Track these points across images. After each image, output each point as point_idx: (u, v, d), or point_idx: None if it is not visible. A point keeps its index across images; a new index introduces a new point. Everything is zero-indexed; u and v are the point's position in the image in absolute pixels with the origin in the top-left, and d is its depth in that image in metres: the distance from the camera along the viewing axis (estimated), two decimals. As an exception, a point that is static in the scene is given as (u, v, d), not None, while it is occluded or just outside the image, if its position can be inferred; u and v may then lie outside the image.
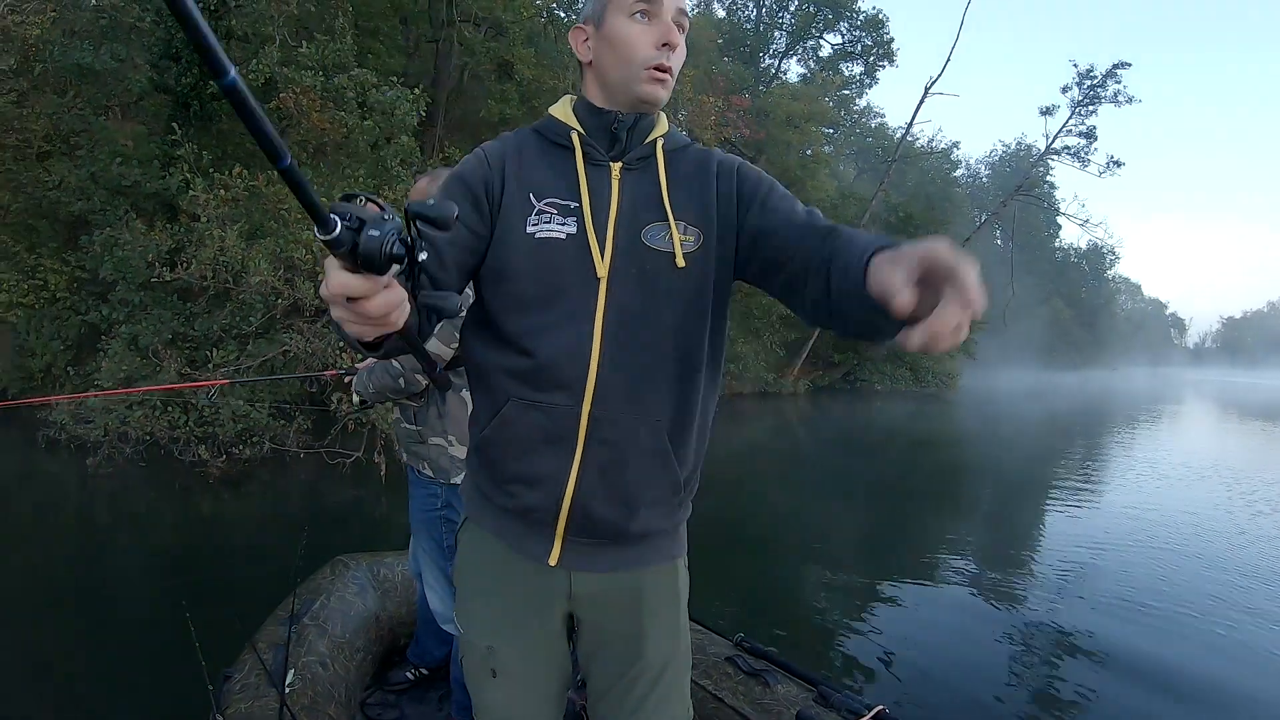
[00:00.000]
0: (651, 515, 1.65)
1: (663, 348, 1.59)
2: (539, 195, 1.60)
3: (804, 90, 34.46)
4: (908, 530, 9.82)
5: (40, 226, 13.78)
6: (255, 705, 2.60)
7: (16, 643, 4.96)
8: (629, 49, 1.57)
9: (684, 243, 1.59)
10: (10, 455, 11.15)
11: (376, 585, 3.75)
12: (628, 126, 1.63)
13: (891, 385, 33.40)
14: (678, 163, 1.68)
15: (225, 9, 13.94)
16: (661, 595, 1.75)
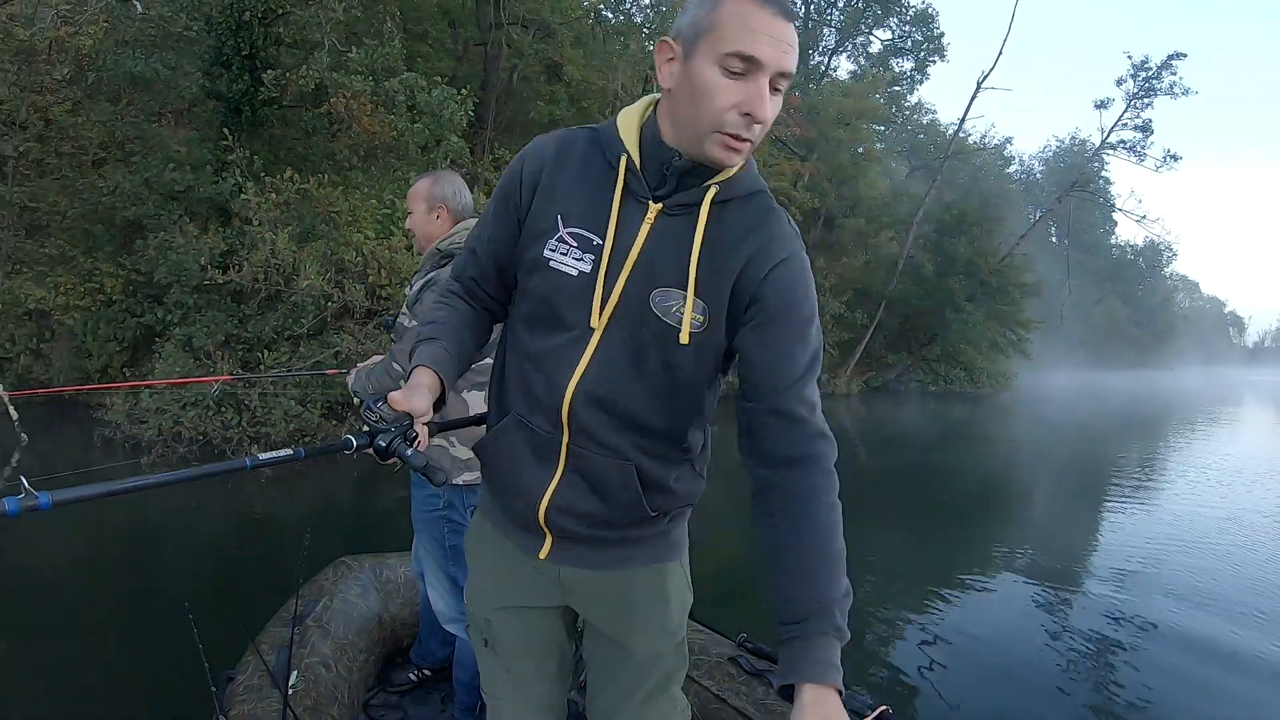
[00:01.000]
0: (632, 529, 1.66)
1: (642, 407, 1.57)
2: (566, 220, 1.55)
3: (854, 87, 34.22)
4: (942, 534, 9.69)
5: (96, 231, 13.98)
6: (258, 706, 2.62)
7: (19, 642, 4.99)
8: (708, 103, 1.38)
9: (693, 320, 1.50)
10: (68, 453, 11.30)
11: (379, 586, 3.77)
12: (682, 171, 1.48)
13: (946, 386, 32.91)
14: (726, 217, 1.52)
15: (274, 16, 14.07)
16: (649, 595, 1.74)
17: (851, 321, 29.22)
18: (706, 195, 1.49)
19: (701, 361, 1.55)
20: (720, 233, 1.51)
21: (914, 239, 31.18)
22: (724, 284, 1.50)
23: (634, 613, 1.73)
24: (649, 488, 1.61)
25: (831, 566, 1.36)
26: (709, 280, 1.50)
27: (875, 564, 8.01)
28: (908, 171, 42.42)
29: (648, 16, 22.09)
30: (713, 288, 1.50)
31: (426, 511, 3.14)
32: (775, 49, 1.34)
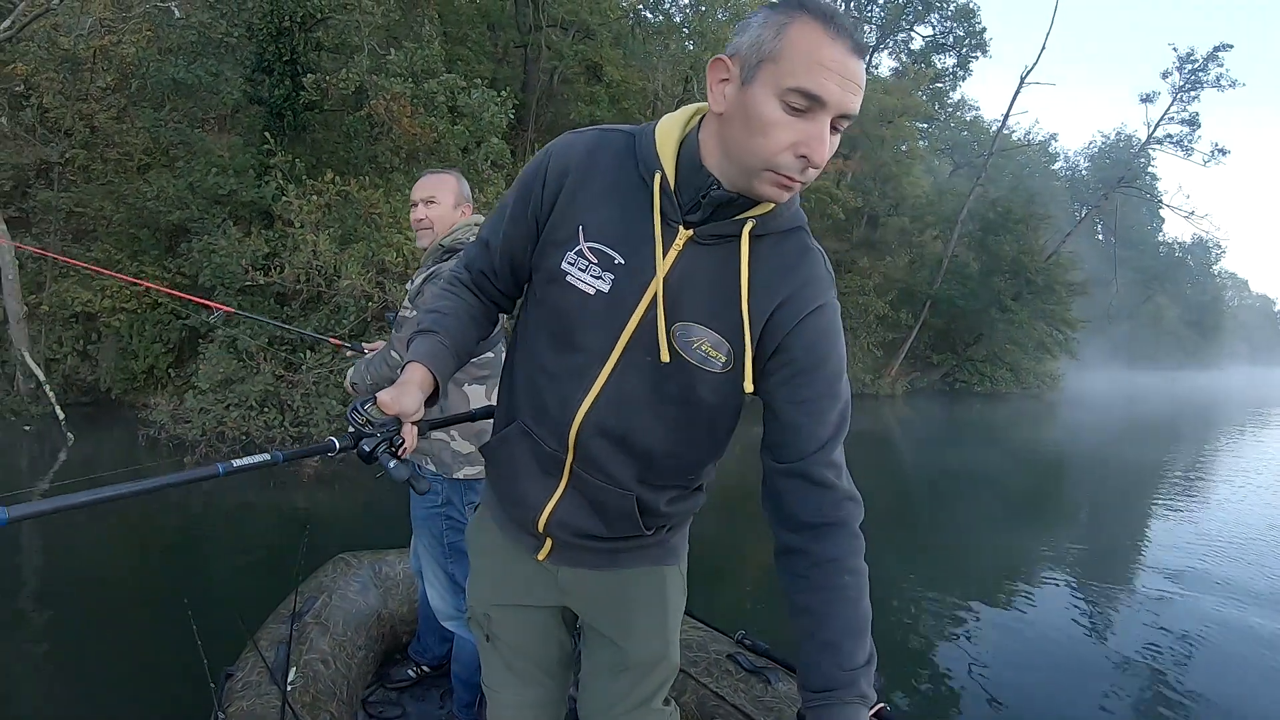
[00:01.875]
0: (629, 544, 1.67)
1: (653, 441, 1.53)
2: (588, 233, 1.46)
3: (896, 84, 33.83)
4: (985, 537, 9.52)
5: (141, 235, 14.19)
6: (257, 703, 2.61)
7: (19, 639, 5.01)
8: (763, 140, 1.26)
9: (713, 359, 1.43)
10: (113, 453, 11.43)
11: (378, 583, 3.76)
12: (719, 202, 1.38)
13: (992, 387, 32.37)
14: (759, 253, 1.42)
15: (314, 22, 14.18)
16: (647, 597, 1.74)
17: (895, 321, 28.92)
18: (744, 229, 1.40)
19: (722, 403, 1.50)
20: (756, 264, 1.42)
21: (958, 237, 30.77)
22: (752, 327, 1.41)
23: (631, 614, 1.73)
24: (647, 513, 1.60)
25: (857, 637, 1.35)
26: (735, 321, 1.41)
27: (916, 566, 7.94)
28: (951, 169, 41.97)
29: (687, 16, 21.98)
30: (738, 329, 1.41)
31: (425, 508, 3.13)
32: (843, 89, 1.24)
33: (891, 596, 7.00)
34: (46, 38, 13.83)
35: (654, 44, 21.37)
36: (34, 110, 14.44)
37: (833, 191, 26.96)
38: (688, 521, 1.79)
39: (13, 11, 12.67)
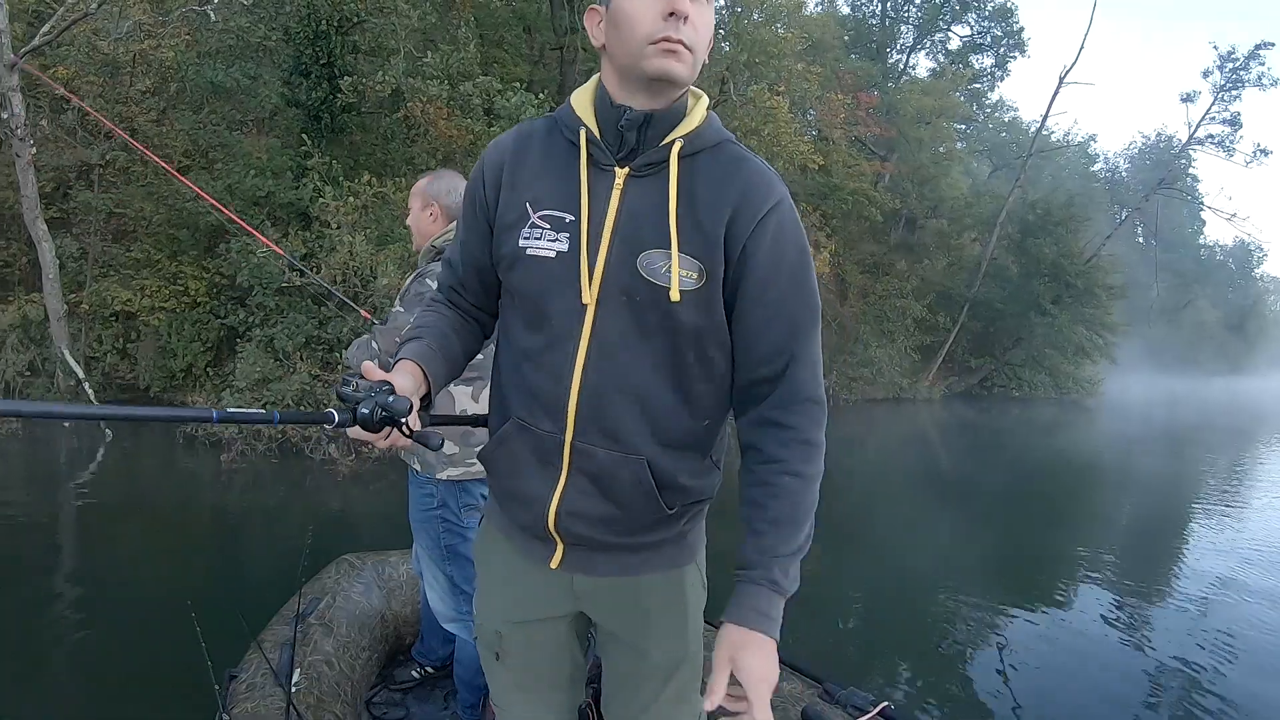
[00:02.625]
0: (645, 531, 1.59)
1: (651, 385, 1.50)
2: (536, 205, 1.51)
3: (934, 85, 33.61)
4: (1020, 543, 9.37)
5: (181, 236, 14.35)
6: (261, 704, 2.60)
7: (21, 640, 5.00)
8: (632, 22, 1.38)
9: (684, 278, 1.42)
10: (151, 450, 11.57)
11: (382, 584, 3.76)
12: (637, 125, 1.45)
13: (1030, 391, 32.03)
14: (698, 171, 1.47)
15: (351, 25, 14.28)
16: (665, 600, 1.69)
17: (933, 325, 28.68)
18: (672, 150, 1.45)
19: (706, 324, 1.47)
20: (695, 186, 1.45)
21: (997, 240, 30.46)
22: (713, 239, 1.43)
23: (650, 619, 1.69)
24: (663, 484, 1.54)
25: (785, 528, 1.43)
26: (696, 236, 1.43)
27: (952, 570, 7.87)
28: (990, 171, 41.57)
29: (723, 18, 21.91)
30: (703, 244, 1.43)
31: (421, 510, 3.12)
32: None
33: (926, 600, 6.94)
34: (87, 42, 14.03)
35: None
36: (74, 113, 14.60)
37: (870, 193, 26.82)
38: (704, 511, 1.72)
39: (52, 16, 12.85)
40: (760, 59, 19.51)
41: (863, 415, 22.90)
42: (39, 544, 7.09)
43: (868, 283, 28.42)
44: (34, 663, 4.65)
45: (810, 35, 23.60)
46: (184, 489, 9.62)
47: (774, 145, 18.96)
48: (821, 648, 5.63)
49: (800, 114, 24.40)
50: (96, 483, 9.64)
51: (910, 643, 5.98)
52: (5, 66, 11.94)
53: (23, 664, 4.61)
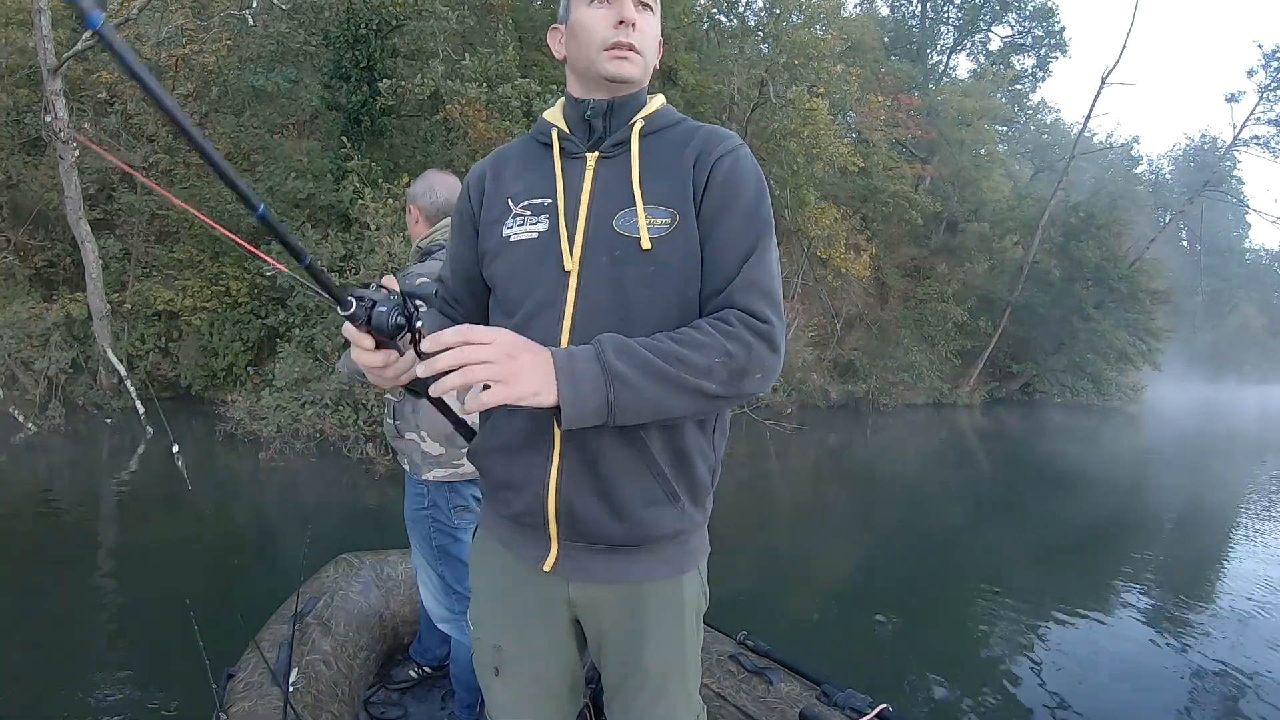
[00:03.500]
0: (644, 517, 1.57)
1: (635, 331, 1.47)
2: (515, 200, 1.63)
3: (974, 86, 33.36)
4: (1057, 553, 9.14)
5: (222, 237, 14.38)
6: (259, 704, 2.60)
7: (19, 639, 5.01)
8: (587, 33, 1.56)
9: (654, 226, 1.51)
10: (192, 447, 11.65)
11: (380, 583, 3.76)
12: (601, 113, 1.61)
13: (1072, 397, 31.51)
14: (658, 143, 1.60)
15: (390, 29, 14.37)
16: (662, 609, 1.67)
17: (974, 329, 28.35)
18: (634, 128, 1.59)
19: (683, 269, 1.52)
20: (660, 149, 1.58)
21: (1039, 243, 30.10)
22: (680, 182, 1.53)
23: (646, 628, 1.67)
24: (656, 445, 1.54)
25: (656, 346, 1.37)
26: (662, 185, 1.54)
27: (993, 577, 7.77)
28: (1032, 173, 41.06)
29: (761, 19, 21.88)
30: (669, 190, 1.53)
31: (413, 510, 3.14)
32: None
33: (966, 606, 6.88)
34: (128, 47, 14.15)
35: (729, 47, 21.33)
36: (118, 117, 14.81)
37: (910, 196, 26.63)
38: (704, 510, 1.69)
39: None
40: (799, 61, 19.41)
41: (902, 420, 22.79)
42: (52, 541, 7.18)
43: (908, 286, 28.21)
44: (31, 663, 4.67)
45: (849, 37, 23.49)
46: (221, 486, 9.72)
47: (814, 147, 18.92)
48: (838, 651, 5.65)
49: (840, 116, 24.31)
50: (131, 480, 9.81)
51: (923, 647, 5.92)
52: (48, 72, 12.12)
53: (19, 664, 4.64)
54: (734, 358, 1.38)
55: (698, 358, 1.36)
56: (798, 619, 6.35)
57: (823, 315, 24.39)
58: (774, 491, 12.28)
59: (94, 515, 8.24)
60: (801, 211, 20.46)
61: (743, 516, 9.91)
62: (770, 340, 1.44)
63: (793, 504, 11.48)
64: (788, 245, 23.77)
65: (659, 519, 1.57)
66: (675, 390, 1.35)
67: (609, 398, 1.31)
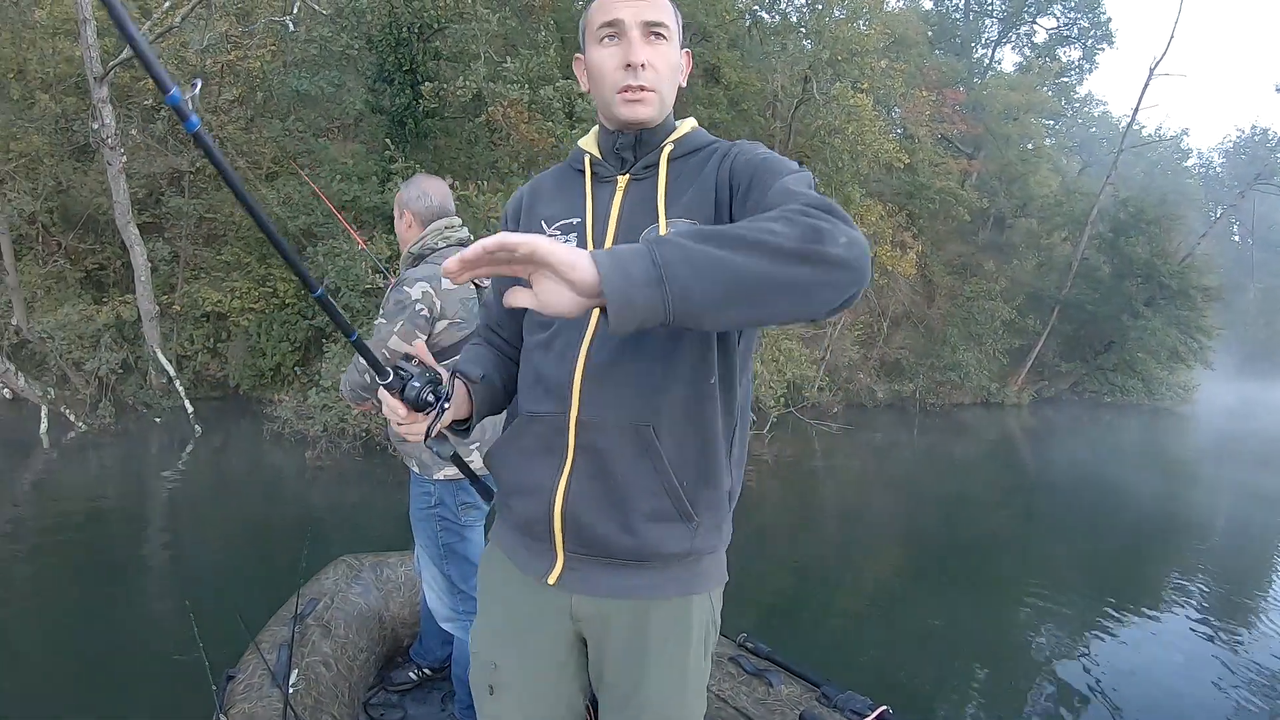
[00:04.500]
0: (653, 533, 1.55)
1: (651, 350, 1.53)
2: (549, 222, 1.67)
3: (1020, 80, 32.93)
4: (1105, 559, 8.97)
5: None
6: (259, 705, 2.62)
7: (19, 640, 5.06)
8: (600, 75, 1.59)
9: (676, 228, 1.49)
10: (240, 446, 11.90)
11: (380, 585, 3.78)
12: (630, 145, 1.63)
13: (1122, 397, 30.93)
14: (686, 165, 1.62)
15: (432, 32, 14.45)
16: (667, 630, 1.63)
17: (1023, 327, 27.96)
18: (664, 151, 1.62)
19: None
20: (688, 170, 1.60)
21: (1088, 239, 29.68)
22: (706, 193, 1.54)
23: (649, 649, 1.63)
24: (669, 449, 1.53)
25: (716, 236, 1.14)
26: (686, 196, 1.56)
27: (1041, 580, 7.69)
28: (1080, 168, 40.56)
29: (804, 16, 21.74)
30: (694, 200, 1.55)
31: (420, 509, 3.13)
32: (630, 7, 1.54)
33: (1012, 611, 6.83)
34: (175, 54, 14.44)
35: (771, 44, 21.24)
36: (164, 122, 14.99)
37: (957, 192, 26.40)
38: (720, 534, 1.65)
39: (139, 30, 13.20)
40: (843, 56, 19.26)
41: (949, 420, 22.61)
42: (18, 546, 7.19)
43: (955, 284, 27.88)
44: (31, 663, 4.71)
45: (893, 31, 23.30)
46: (270, 485, 9.82)
47: (858, 144, 18.76)
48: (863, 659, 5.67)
49: (885, 112, 24.10)
50: (189, 473, 9.91)
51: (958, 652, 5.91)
52: (95, 80, 12.31)
53: (19, 664, 4.68)
54: (794, 220, 1.17)
55: (757, 224, 1.17)
56: (835, 624, 6.36)
57: (869, 314, 24.17)
58: (818, 492, 12.22)
59: (134, 513, 8.37)
60: (847, 209, 20.11)
61: (784, 517, 9.97)
62: (832, 210, 1.22)
63: (837, 504, 11.44)
64: (834, 243, 23.65)
65: (668, 536, 1.55)
66: (735, 245, 1.12)
67: (655, 258, 1.10)
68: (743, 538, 6.82)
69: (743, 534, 6.57)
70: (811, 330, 20.26)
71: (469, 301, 2.96)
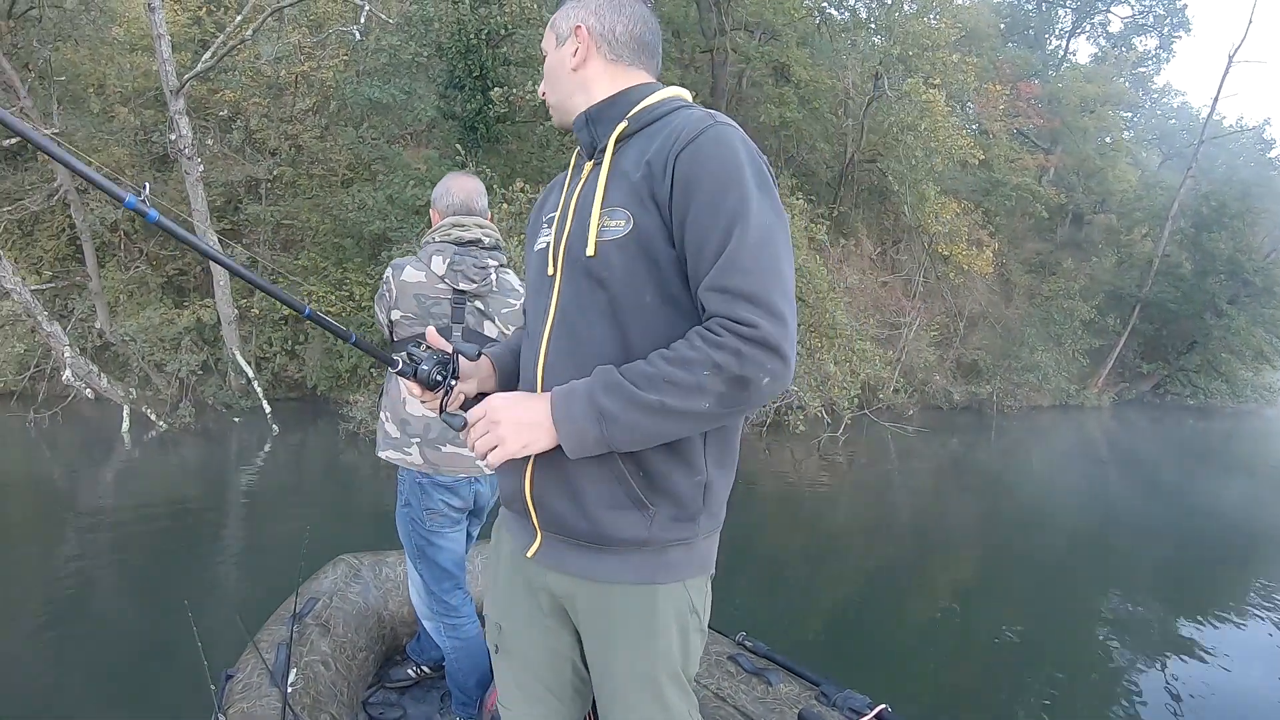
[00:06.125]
0: (607, 519, 1.56)
1: (598, 341, 1.55)
2: (548, 220, 1.74)
3: (1096, 71, 32.33)
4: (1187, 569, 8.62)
5: (346, 244, 14.97)
6: (257, 705, 2.63)
7: (18, 639, 5.05)
8: None
9: (609, 229, 1.52)
10: (316, 445, 12.11)
11: (378, 584, 3.80)
12: (583, 126, 1.68)
13: (1205, 400, 30.16)
14: (636, 143, 1.59)
15: (500, 38, 14.58)
16: (629, 616, 1.63)
17: (1102, 327, 27.27)
18: (615, 132, 1.60)
19: (630, 273, 1.52)
20: (633, 151, 1.57)
21: (1169, 235, 28.91)
22: (636, 181, 1.51)
23: (614, 632, 1.66)
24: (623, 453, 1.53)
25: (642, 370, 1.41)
26: (621, 185, 1.54)
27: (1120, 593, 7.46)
28: (1160, 161, 39.56)
29: (874, 11, 21.54)
30: (626, 190, 1.52)
31: (397, 505, 3.17)
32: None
33: (1087, 623, 6.59)
34: (251, 67, 14.79)
35: (841, 41, 21.08)
36: (241, 132, 15.32)
37: (1034, 189, 25.97)
38: (691, 524, 1.61)
39: (212, 45, 13.60)
40: (914, 51, 19.07)
41: (1027, 423, 22.09)
42: (15, 547, 7.27)
43: (1033, 283, 27.38)
44: (30, 664, 4.72)
45: (964, 25, 22.90)
46: (344, 482, 9.95)
47: (932, 140, 18.56)
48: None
49: (958, 107, 23.80)
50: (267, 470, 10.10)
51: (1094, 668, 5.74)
52: (171, 93, 12.64)
53: (18, 665, 4.69)
54: (723, 369, 1.35)
55: (687, 376, 1.36)
56: (901, 637, 6.19)
57: (945, 314, 23.83)
58: (891, 496, 12.00)
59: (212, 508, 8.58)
60: (921, 207, 20.16)
61: (855, 521, 9.91)
62: (763, 343, 1.35)
63: (910, 509, 11.23)
64: (908, 242, 23.31)
65: (621, 523, 1.56)
66: (665, 417, 1.38)
67: (603, 434, 1.40)
68: (813, 540, 6.73)
69: (812, 537, 6.49)
70: (887, 331, 20.04)
71: (424, 299, 2.96)
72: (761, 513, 9.67)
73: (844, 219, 21.93)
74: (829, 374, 13.83)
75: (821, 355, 13.81)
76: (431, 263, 2.96)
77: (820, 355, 13.84)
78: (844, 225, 21.82)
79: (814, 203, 18.93)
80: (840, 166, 22.18)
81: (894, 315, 21.31)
